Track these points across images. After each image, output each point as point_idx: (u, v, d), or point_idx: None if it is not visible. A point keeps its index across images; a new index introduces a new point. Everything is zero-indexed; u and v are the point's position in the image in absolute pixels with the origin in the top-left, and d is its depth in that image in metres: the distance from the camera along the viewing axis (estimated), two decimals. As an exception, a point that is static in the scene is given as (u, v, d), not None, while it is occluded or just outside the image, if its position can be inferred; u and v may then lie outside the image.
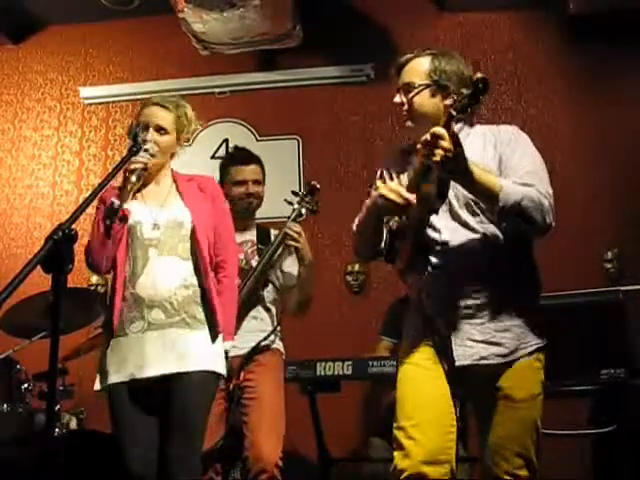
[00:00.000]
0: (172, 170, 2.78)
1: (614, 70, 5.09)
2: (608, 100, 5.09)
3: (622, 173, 4.91)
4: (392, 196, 2.13)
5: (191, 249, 2.56)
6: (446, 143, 1.98)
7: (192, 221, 2.57)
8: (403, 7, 5.44)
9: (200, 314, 2.54)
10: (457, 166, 2.05)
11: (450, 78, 2.28)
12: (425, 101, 2.31)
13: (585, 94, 5.17)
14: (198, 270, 2.55)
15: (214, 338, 2.53)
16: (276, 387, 3.24)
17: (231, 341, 2.66)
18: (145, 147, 2.50)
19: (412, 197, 2.12)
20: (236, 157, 3.57)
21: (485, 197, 2.15)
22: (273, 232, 3.47)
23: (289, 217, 3.42)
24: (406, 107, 2.35)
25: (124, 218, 2.50)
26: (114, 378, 2.48)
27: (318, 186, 3.54)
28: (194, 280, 2.55)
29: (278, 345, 3.36)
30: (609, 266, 4.74)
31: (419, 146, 2.06)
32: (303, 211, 3.50)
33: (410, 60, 2.37)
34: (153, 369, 2.45)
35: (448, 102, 2.23)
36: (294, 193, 3.56)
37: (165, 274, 2.51)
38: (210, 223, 2.64)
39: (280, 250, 3.35)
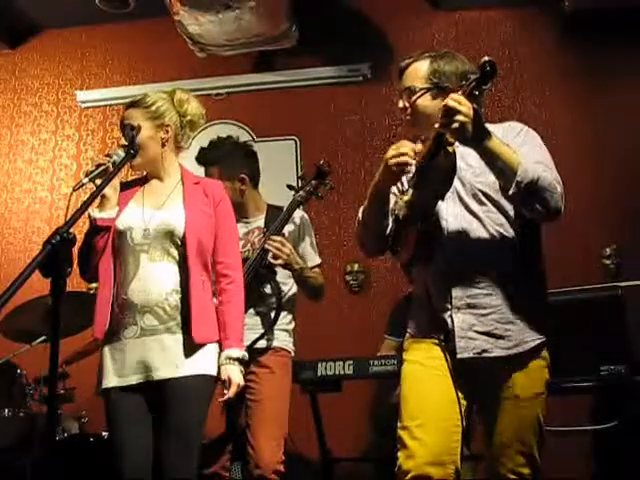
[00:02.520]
0: (183, 169, 2.74)
1: (610, 67, 5.08)
2: (605, 96, 5.09)
3: (620, 169, 4.91)
4: (403, 150, 2.14)
5: (181, 256, 2.52)
6: (465, 108, 1.98)
7: (185, 228, 2.51)
8: (399, 6, 5.45)
9: (185, 321, 2.49)
10: (477, 134, 2.04)
11: (449, 79, 2.28)
12: (427, 103, 2.31)
13: (582, 91, 5.17)
14: (185, 278, 2.51)
15: (193, 348, 2.46)
16: (279, 390, 3.16)
17: (243, 350, 2.58)
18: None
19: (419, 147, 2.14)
20: (200, 157, 3.44)
21: (502, 170, 2.12)
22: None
23: (287, 207, 3.31)
24: (409, 111, 2.35)
25: (97, 228, 2.49)
26: (109, 383, 2.46)
27: (327, 168, 3.34)
28: (183, 288, 2.50)
29: (283, 343, 3.26)
30: (608, 262, 4.74)
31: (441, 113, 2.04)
32: (302, 197, 3.34)
33: (410, 64, 2.38)
34: (148, 375, 2.44)
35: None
36: (300, 178, 3.44)
37: (157, 279, 2.48)
38: (209, 230, 2.59)
39: (264, 264, 3.20)
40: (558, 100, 5.21)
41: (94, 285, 5.02)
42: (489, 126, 2.32)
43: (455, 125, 1.99)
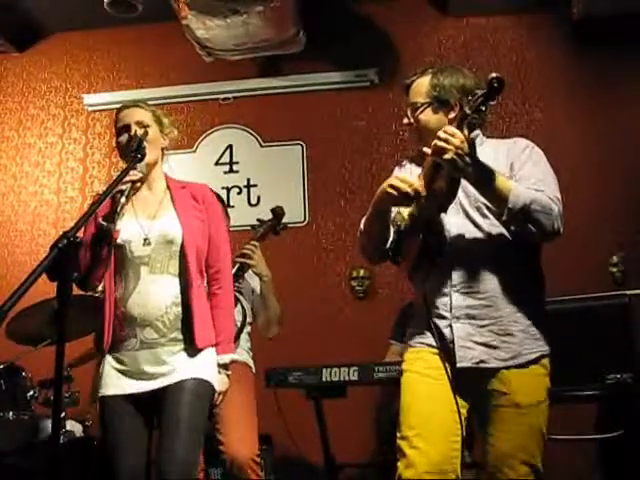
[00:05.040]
0: (166, 175, 2.72)
1: (618, 74, 5.08)
2: (612, 104, 5.09)
3: (627, 177, 4.90)
4: (402, 185, 2.15)
5: (181, 266, 2.52)
6: (458, 141, 2.00)
7: (182, 236, 2.51)
8: (407, 12, 5.45)
9: (186, 331, 2.49)
10: (468, 165, 2.06)
11: (450, 92, 2.31)
12: (429, 118, 2.35)
13: (589, 98, 5.17)
14: (185, 287, 2.51)
15: (192, 354, 2.48)
16: (246, 396, 3.28)
17: (232, 354, 2.64)
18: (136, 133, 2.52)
19: (421, 186, 2.14)
20: None
21: (494, 198, 2.16)
22: None
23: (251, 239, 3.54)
24: (413, 127, 2.39)
25: (109, 239, 2.46)
26: (106, 391, 2.47)
27: (281, 211, 3.67)
28: (184, 297, 2.51)
29: (244, 358, 3.40)
30: (614, 270, 4.73)
31: (432, 144, 2.07)
32: (261, 232, 3.60)
33: (414, 80, 2.42)
34: (146, 385, 2.44)
35: (452, 115, 2.27)
36: (259, 220, 3.69)
37: (157, 293, 2.47)
38: (203, 234, 2.59)
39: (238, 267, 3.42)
40: (565, 107, 5.21)
41: (100, 289, 5.05)
42: (495, 141, 2.38)
43: (447, 157, 2.02)
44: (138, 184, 2.48)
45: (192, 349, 2.48)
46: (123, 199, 2.39)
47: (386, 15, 5.44)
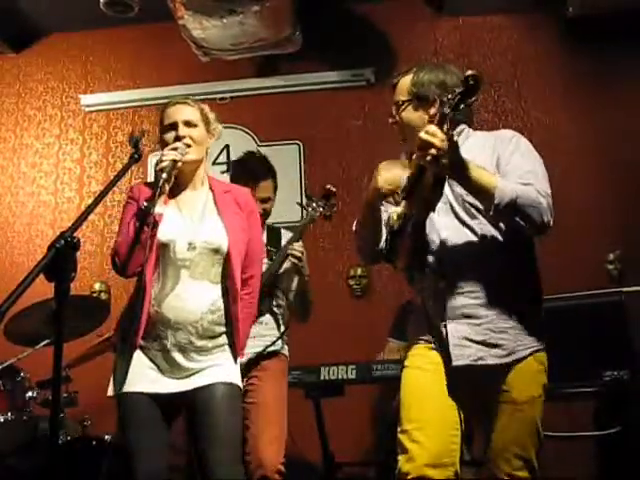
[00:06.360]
0: (209, 176, 2.70)
1: (613, 72, 5.09)
2: (608, 101, 5.09)
3: (624, 174, 4.90)
4: (389, 174, 2.20)
5: (223, 273, 2.52)
6: (438, 141, 2.01)
7: (228, 245, 2.50)
8: (402, 11, 5.46)
9: (223, 338, 2.52)
10: (451, 163, 2.07)
11: (428, 88, 2.33)
12: (411, 115, 2.37)
13: (585, 96, 5.18)
14: (227, 295, 2.51)
15: (222, 359, 2.51)
16: (280, 393, 3.20)
17: (241, 358, 2.64)
18: (184, 142, 2.49)
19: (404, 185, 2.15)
20: (252, 170, 3.44)
21: (481, 195, 2.16)
22: (284, 233, 3.45)
23: (301, 222, 3.41)
24: (397, 125, 2.43)
25: (155, 223, 2.38)
26: (132, 387, 2.44)
27: (334, 189, 3.43)
28: (221, 304, 2.51)
29: (285, 350, 3.33)
30: (611, 267, 4.74)
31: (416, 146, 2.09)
32: (316, 215, 3.39)
33: (400, 79, 2.44)
34: (175, 386, 2.44)
35: (432, 111, 2.27)
36: (308, 197, 3.50)
37: (195, 298, 2.46)
38: (244, 242, 2.59)
39: (284, 265, 3.29)
40: (561, 105, 5.22)
41: (97, 288, 5.06)
42: (483, 133, 2.38)
43: (428, 158, 2.03)
44: (179, 164, 2.43)
45: (230, 354, 2.51)
46: (164, 175, 2.35)
47: (382, 15, 5.45)
